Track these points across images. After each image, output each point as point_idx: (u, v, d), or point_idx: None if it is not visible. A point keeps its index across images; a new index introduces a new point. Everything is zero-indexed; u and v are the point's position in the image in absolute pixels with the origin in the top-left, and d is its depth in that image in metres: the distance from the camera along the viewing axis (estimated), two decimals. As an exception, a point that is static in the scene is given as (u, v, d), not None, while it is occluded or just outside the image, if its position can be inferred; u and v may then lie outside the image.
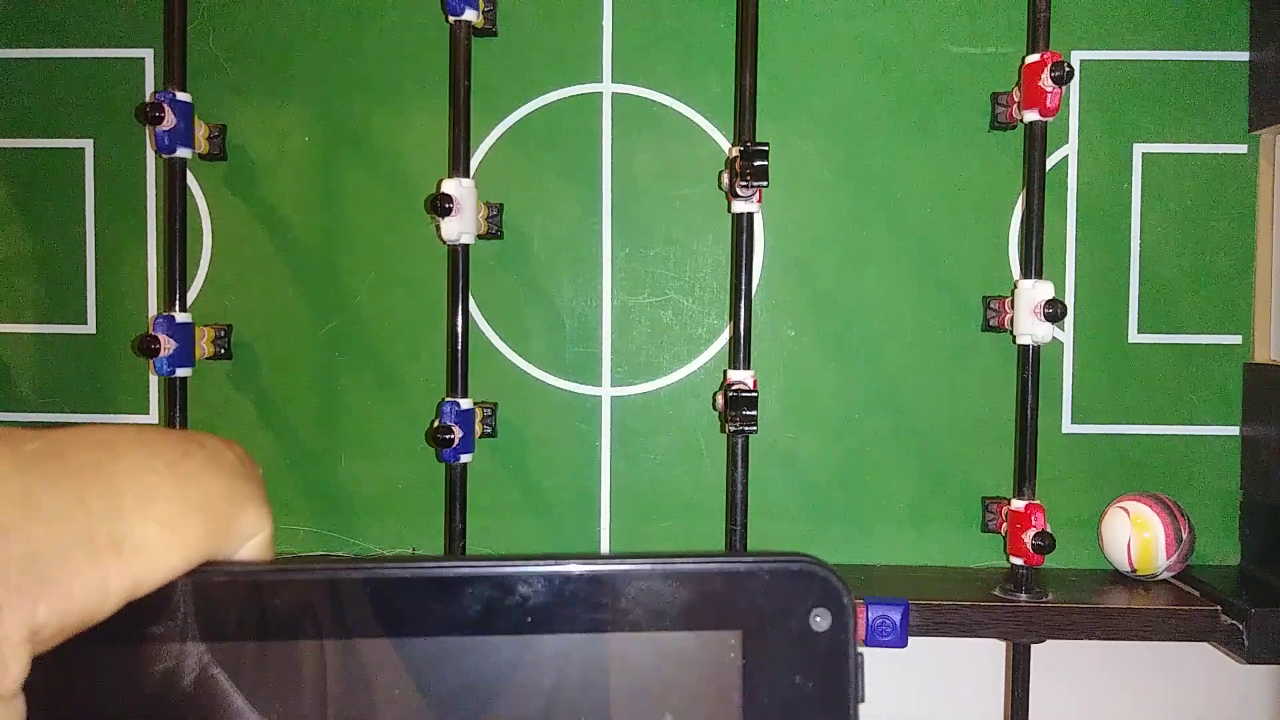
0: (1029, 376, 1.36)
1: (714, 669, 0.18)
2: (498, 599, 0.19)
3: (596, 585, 0.18)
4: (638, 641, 0.18)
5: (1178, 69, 1.48)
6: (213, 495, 0.22)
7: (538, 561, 0.19)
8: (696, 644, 0.18)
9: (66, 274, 1.55)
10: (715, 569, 0.18)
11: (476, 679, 0.18)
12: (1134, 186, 1.49)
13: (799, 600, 0.18)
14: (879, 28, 1.50)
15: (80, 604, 0.19)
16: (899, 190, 1.50)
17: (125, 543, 0.20)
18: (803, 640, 0.18)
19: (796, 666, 0.18)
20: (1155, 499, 1.39)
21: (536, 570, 0.19)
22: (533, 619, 0.19)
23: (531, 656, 0.18)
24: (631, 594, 0.18)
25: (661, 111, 1.51)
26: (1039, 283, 1.35)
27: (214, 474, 0.22)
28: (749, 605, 0.18)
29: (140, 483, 0.21)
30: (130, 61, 1.55)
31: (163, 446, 0.22)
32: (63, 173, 1.55)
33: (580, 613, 0.18)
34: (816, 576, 0.18)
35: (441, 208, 1.34)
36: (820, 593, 0.18)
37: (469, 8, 1.37)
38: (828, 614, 0.18)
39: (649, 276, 1.52)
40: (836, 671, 0.18)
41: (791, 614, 0.18)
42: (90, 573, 0.20)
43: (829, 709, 0.18)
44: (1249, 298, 1.49)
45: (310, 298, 1.54)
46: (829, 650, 0.18)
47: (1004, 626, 1.32)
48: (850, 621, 0.18)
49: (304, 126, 1.53)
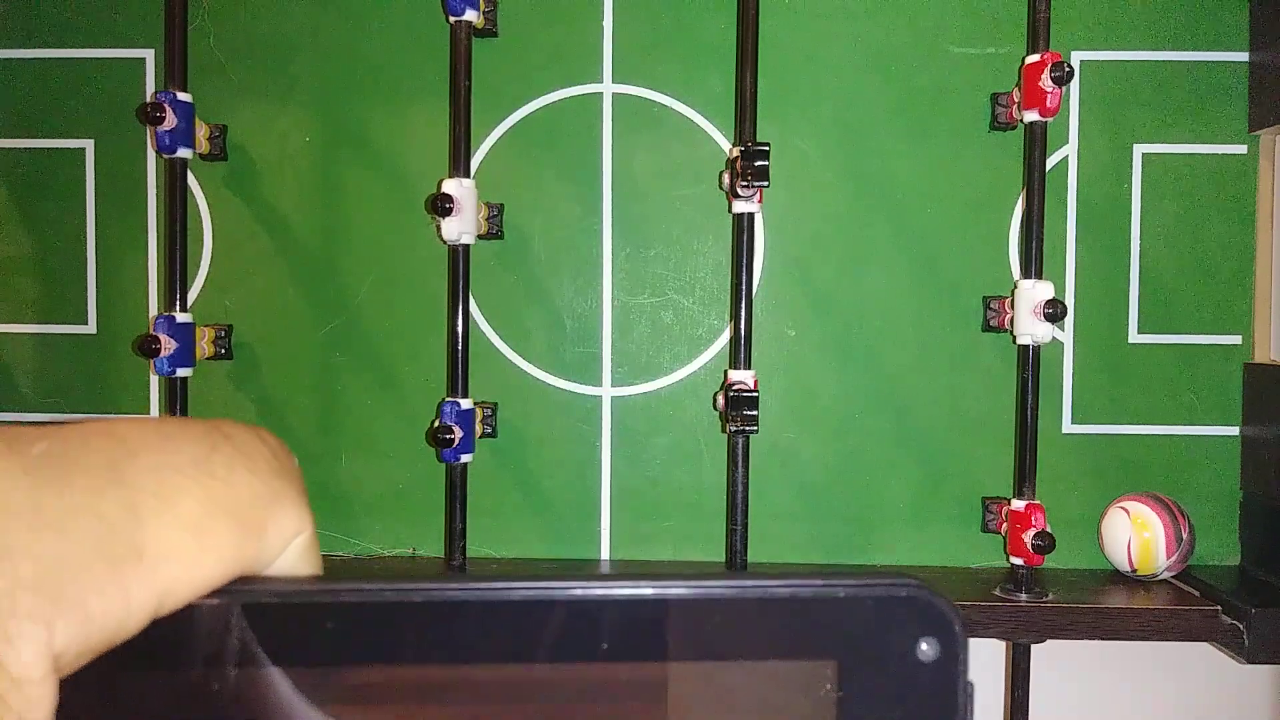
0: (1029, 376, 1.36)
1: (807, 702, 0.17)
2: (572, 624, 0.17)
3: (679, 609, 0.17)
4: (723, 671, 0.17)
5: (1178, 69, 1.49)
6: (244, 495, 0.20)
7: (618, 583, 0.17)
8: (788, 674, 0.17)
9: (67, 274, 1.55)
10: (811, 593, 0.17)
11: (548, 708, 0.17)
12: (1134, 186, 1.49)
13: (903, 628, 0.17)
14: (879, 28, 1.50)
15: (101, 623, 0.18)
16: (899, 190, 1.50)
17: (146, 551, 0.18)
18: (907, 671, 0.17)
19: (899, 700, 0.17)
20: (1155, 499, 1.39)
21: (617, 594, 0.17)
22: (610, 645, 0.17)
23: (608, 685, 0.17)
24: (717, 619, 0.17)
25: (662, 112, 1.51)
26: (1039, 283, 1.35)
27: (245, 471, 0.20)
28: (847, 633, 0.17)
29: (161, 483, 0.19)
30: (131, 62, 1.55)
31: (185, 441, 0.20)
32: (63, 173, 1.55)
33: (662, 638, 0.17)
34: (923, 602, 0.17)
35: (442, 208, 1.34)
36: (927, 620, 0.17)
37: (469, 8, 1.37)
38: (936, 643, 0.17)
39: (649, 276, 1.52)
40: (944, 705, 0.17)
41: (895, 643, 0.17)
42: (110, 588, 0.18)
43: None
44: (1249, 298, 1.49)
45: (311, 298, 1.54)
46: (936, 682, 0.17)
47: (1004, 626, 1.32)
48: (962, 652, 0.17)
49: (305, 127, 1.53)
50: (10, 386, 1.55)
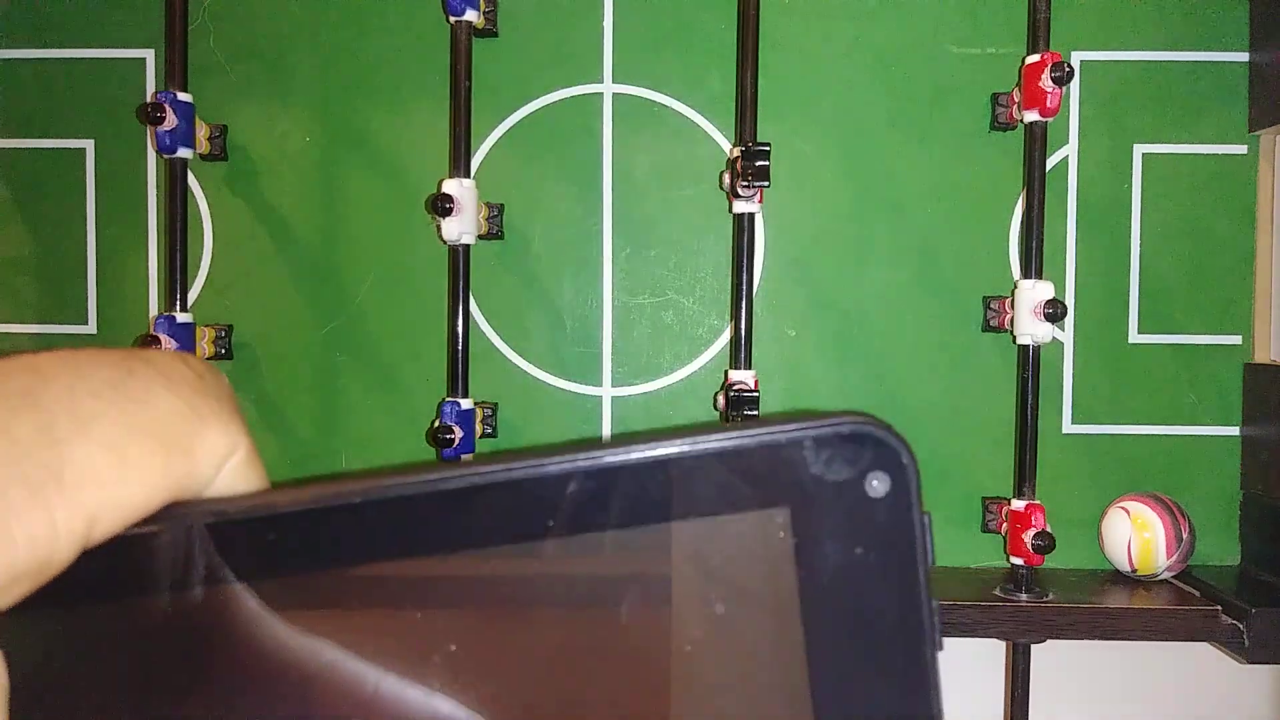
0: (1029, 376, 1.36)
1: (763, 551, 0.16)
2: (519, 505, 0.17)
3: (625, 475, 0.17)
4: (675, 531, 0.17)
5: (1178, 69, 1.49)
6: (165, 416, 0.19)
7: (558, 458, 0.17)
8: (740, 527, 0.17)
9: (67, 274, 1.55)
10: (755, 442, 0.17)
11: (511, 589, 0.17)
12: (1134, 186, 1.49)
13: (851, 466, 0.17)
14: (880, 28, 1.50)
15: (28, 550, 0.17)
16: (900, 190, 1.50)
17: (65, 475, 0.18)
18: (859, 509, 0.17)
19: (855, 538, 0.17)
20: (1155, 499, 1.39)
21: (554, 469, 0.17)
22: (555, 522, 0.17)
23: (566, 561, 0.17)
24: (663, 480, 0.17)
25: (662, 112, 1.51)
26: (1039, 283, 1.35)
27: (165, 392, 0.19)
28: (794, 478, 0.17)
29: (76, 406, 0.18)
30: (131, 62, 1.55)
31: (101, 366, 0.19)
32: (63, 173, 1.55)
33: (607, 507, 0.17)
34: (869, 438, 0.17)
35: (442, 208, 1.34)
36: (875, 455, 0.17)
37: (470, 8, 1.38)
38: (885, 477, 0.17)
39: (649, 277, 1.52)
40: (901, 538, 0.17)
41: (843, 482, 0.17)
42: (32, 513, 0.17)
43: (896, 579, 0.17)
44: (1249, 298, 1.49)
45: (311, 298, 1.54)
46: (890, 516, 0.17)
47: (1004, 626, 1.32)
48: (912, 482, 0.17)
49: (305, 127, 1.53)
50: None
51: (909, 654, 0.16)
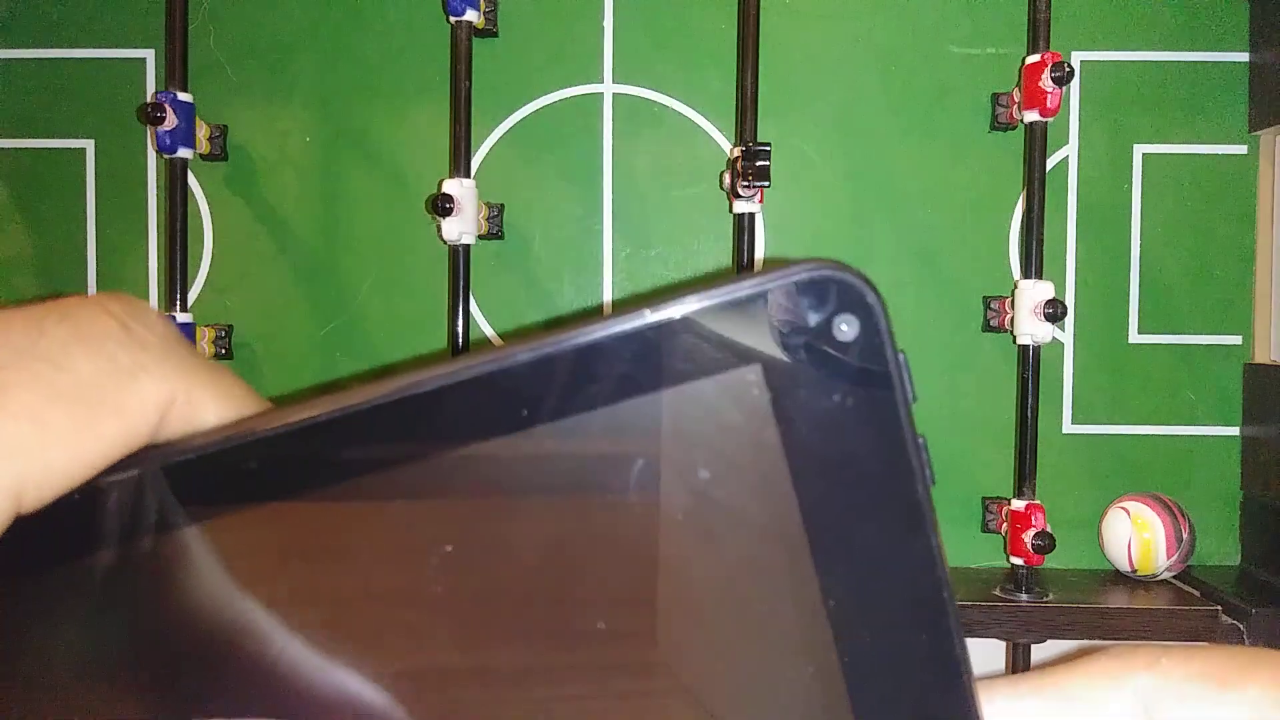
0: (1029, 376, 1.36)
1: (741, 411, 0.16)
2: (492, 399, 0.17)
3: (586, 357, 0.16)
4: (644, 406, 0.16)
5: (1178, 70, 1.49)
6: (85, 376, 0.18)
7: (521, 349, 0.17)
8: (714, 391, 0.16)
9: (67, 274, 1.55)
10: (715, 303, 0.16)
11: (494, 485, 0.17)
12: (1134, 187, 1.49)
13: (816, 312, 0.16)
14: (880, 28, 1.50)
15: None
16: (900, 190, 1.50)
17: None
18: (831, 354, 0.16)
19: (831, 384, 0.16)
20: (1155, 499, 1.39)
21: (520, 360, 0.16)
22: (529, 411, 0.16)
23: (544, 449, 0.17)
24: (629, 356, 0.16)
25: (662, 112, 1.51)
26: (1039, 283, 1.35)
27: (83, 349, 0.18)
28: (761, 333, 0.16)
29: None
30: (131, 62, 1.55)
31: (9, 330, 0.18)
32: (63, 173, 1.55)
33: (583, 389, 0.16)
34: (831, 281, 0.16)
35: (442, 208, 1.34)
36: (840, 298, 0.16)
37: (470, 8, 1.38)
38: (853, 319, 0.16)
39: (650, 277, 1.52)
40: (878, 379, 0.17)
41: (811, 330, 0.16)
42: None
43: (877, 420, 0.17)
44: (1249, 298, 1.49)
45: (311, 298, 1.54)
46: (864, 358, 0.16)
47: (1004, 626, 1.32)
48: (881, 321, 0.17)
49: (305, 127, 1.53)
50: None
51: (901, 492, 0.16)
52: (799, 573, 0.17)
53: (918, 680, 0.17)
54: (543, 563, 0.17)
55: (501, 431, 0.17)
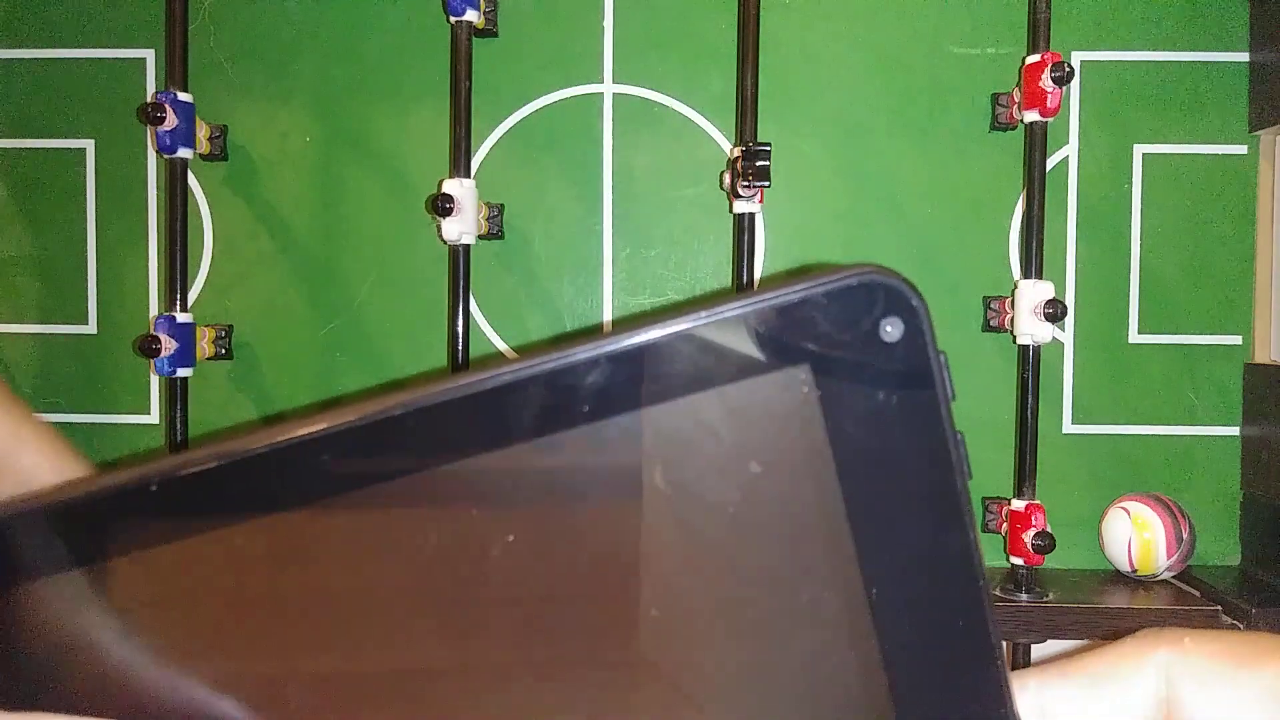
0: (1029, 376, 1.36)
1: (790, 409, 0.17)
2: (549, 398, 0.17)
3: (641, 357, 0.17)
4: (700, 403, 0.17)
5: (1178, 69, 1.49)
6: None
7: (560, 355, 0.17)
8: (765, 389, 0.17)
9: (67, 274, 1.55)
10: (767, 306, 0.17)
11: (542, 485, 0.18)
12: (1134, 187, 1.49)
13: (863, 315, 0.17)
14: (880, 28, 1.50)
15: None
16: (900, 190, 1.50)
17: None
18: (876, 355, 0.17)
19: (876, 383, 0.17)
20: (1155, 499, 1.39)
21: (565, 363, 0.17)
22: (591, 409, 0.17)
23: (586, 449, 0.17)
24: (684, 355, 0.17)
25: (662, 112, 1.51)
26: (1039, 283, 1.35)
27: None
28: (810, 333, 0.17)
29: None
30: (131, 62, 1.55)
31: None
32: (64, 173, 1.55)
33: (629, 391, 0.17)
34: (877, 285, 0.17)
35: (442, 208, 1.34)
36: (885, 301, 0.17)
37: (470, 8, 1.38)
38: (898, 321, 0.17)
39: (650, 277, 1.52)
40: (920, 378, 0.17)
41: (858, 331, 0.17)
42: None
43: (920, 417, 0.17)
44: (1249, 298, 1.49)
45: (311, 298, 1.54)
46: (907, 358, 0.17)
47: (1004, 626, 1.32)
48: (924, 323, 0.17)
49: (305, 127, 1.53)
50: (11, 387, 1.54)
51: (941, 487, 0.17)
52: (842, 562, 0.17)
53: (954, 666, 0.18)
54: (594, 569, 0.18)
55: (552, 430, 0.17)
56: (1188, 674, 0.18)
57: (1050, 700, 0.19)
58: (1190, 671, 0.18)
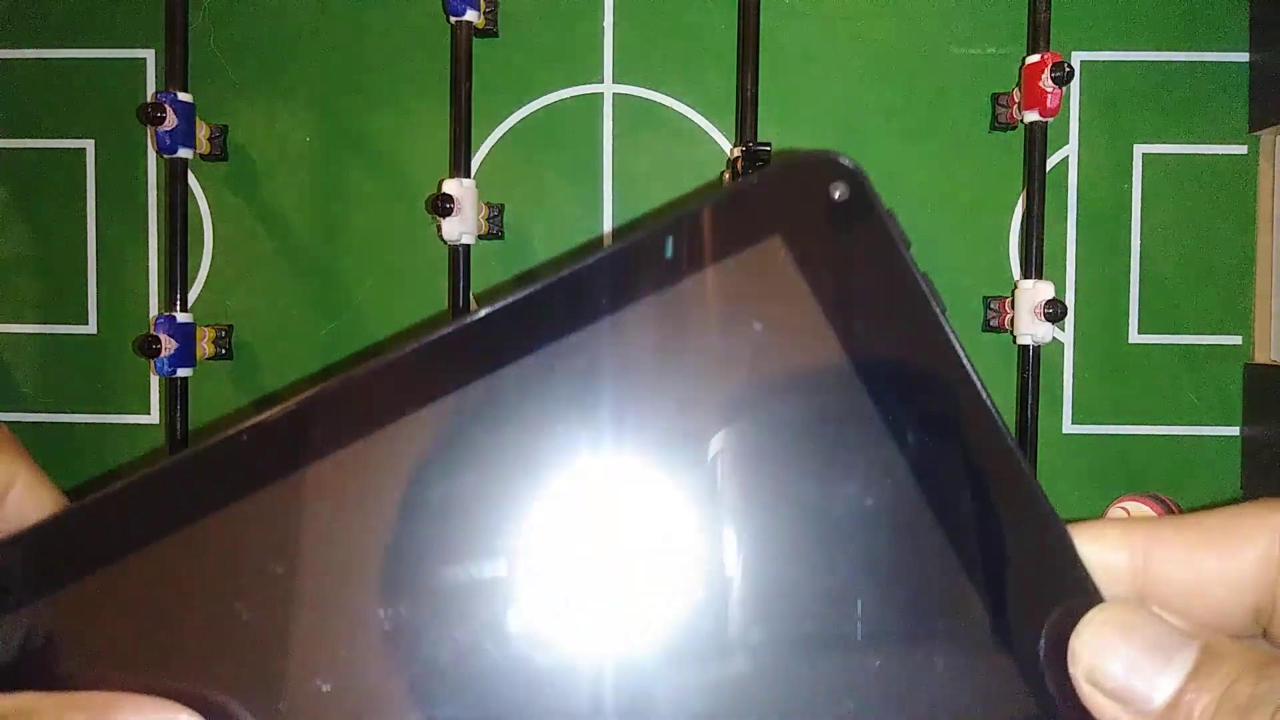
0: (1029, 376, 1.36)
1: (773, 273, 0.19)
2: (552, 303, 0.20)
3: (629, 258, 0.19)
4: (697, 282, 0.19)
5: (1178, 70, 1.49)
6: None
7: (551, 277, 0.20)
8: (750, 260, 0.19)
9: (67, 274, 1.55)
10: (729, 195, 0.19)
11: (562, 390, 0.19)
12: (1134, 187, 1.49)
13: (813, 184, 0.19)
14: (880, 28, 1.50)
15: None
16: (900, 190, 1.50)
17: None
18: (833, 213, 0.20)
19: (839, 237, 0.20)
20: (1155, 499, 1.39)
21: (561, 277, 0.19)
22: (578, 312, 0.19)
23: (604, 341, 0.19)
24: (668, 250, 0.19)
25: (662, 112, 1.51)
26: (1039, 283, 1.35)
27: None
28: (773, 209, 0.19)
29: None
30: (131, 62, 1.55)
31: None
32: (64, 173, 1.55)
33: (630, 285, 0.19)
34: (818, 159, 0.19)
35: (442, 208, 1.34)
36: (828, 170, 0.20)
37: (470, 8, 1.38)
38: (843, 184, 0.20)
39: (649, 277, 1.52)
40: (875, 225, 0.20)
41: (813, 198, 0.19)
42: None
43: (884, 261, 0.20)
44: (1249, 298, 1.49)
45: (311, 298, 1.54)
46: (859, 210, 0.20)
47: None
48: (864, 180, 0.20)
49: (305, 127, 1.53)
50: (10, 386, 1.55)
51: (921, 318, 0.19)
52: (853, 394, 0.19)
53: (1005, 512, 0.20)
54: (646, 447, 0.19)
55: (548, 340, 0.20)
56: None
57: (1158, 550, 0.19)
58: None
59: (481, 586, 0.19)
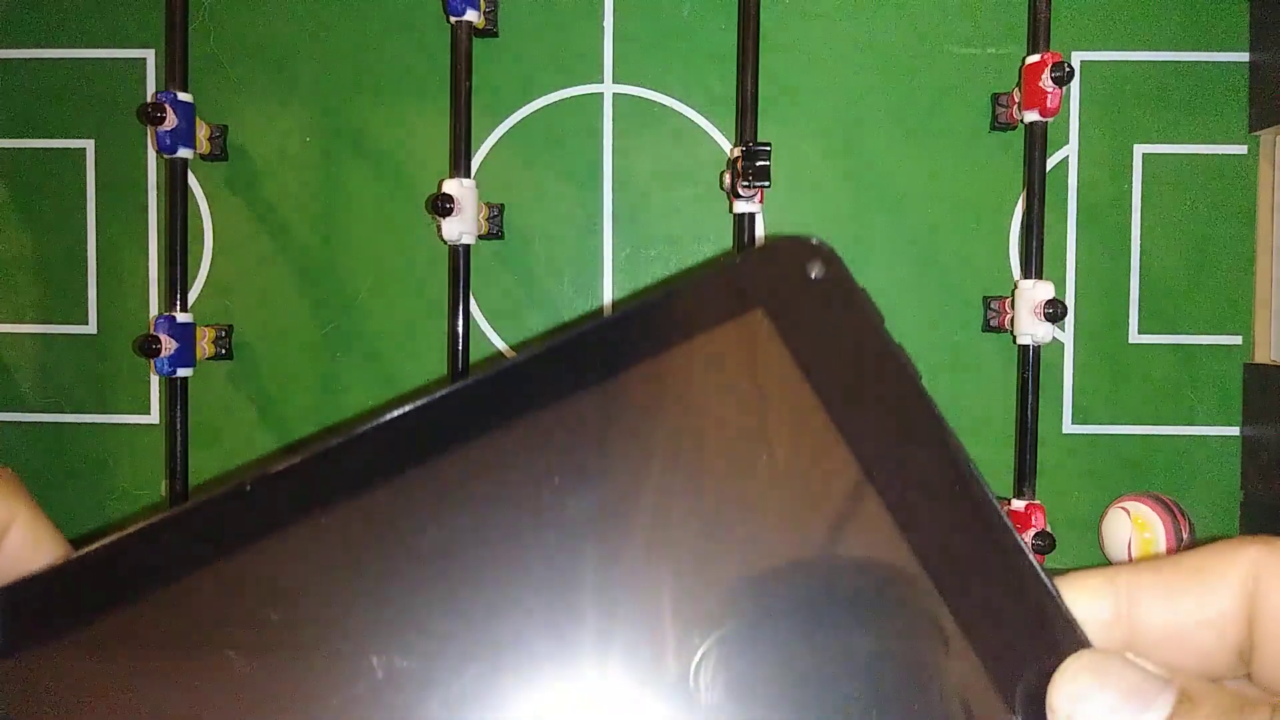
0: (1029, 376, 1.36)
1: (758, 344, 0.21)
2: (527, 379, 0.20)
3: (635, 322, 0.21)
4: (682, 354, 0.21)
5: (1178, 70, 1.49)
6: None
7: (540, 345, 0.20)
8: (735, 333, 0.21)
9: (67, 274, 1.55)
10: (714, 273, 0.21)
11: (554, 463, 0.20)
12: (1134, 187, 1.49)
13: (791, 264, 0.21)
14: (880, 28, 1.50)
15: None
16: (900, 190, 1.50)
17: None
18: (812, 289, 0.21)
19: (819, 311, 0.21)
20: (1155, 499, 1.39)
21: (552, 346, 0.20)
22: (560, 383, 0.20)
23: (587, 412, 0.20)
24: (655, 321, 0.21)
25: (662, 112, 1.51)
26: (1039, 283, 1.35)
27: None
28: (755, 287, 0.21)
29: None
30: (131, 62, 1.55)
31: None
32: (64, 173, 1.55)
33: (619, 354, 0.21)
34: (794, 243, 0.21)
35: (442, 208, 1.34)
36: (802, 251, 0.21)
37: (470, 8, 1.38)
38: (819, 263, 0.21)
39: (650, 277, 1.52)
40: (851, 300, 0.21)
41: (792, 275, 0.21)
42: None
43: (861, 329, 0.21)
44: (1249, 298, 1.49)
45: (311, 298, 1.54)
46: (836, 287, 0.21)
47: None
48: (838, 259, 0.21)
49: (305, 127, 1.53)
50: (10, 386, 1.55)
51: (900, 383, 0.20)
52: (841, 461, 0.20)
53: (984, 556, 0.20)
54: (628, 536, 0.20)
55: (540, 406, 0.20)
56: (1273, 569, 0.19)
57: (1141, 595, 0.20)
58: (1276, 573, 0.19)
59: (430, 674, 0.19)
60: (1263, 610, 0.19)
